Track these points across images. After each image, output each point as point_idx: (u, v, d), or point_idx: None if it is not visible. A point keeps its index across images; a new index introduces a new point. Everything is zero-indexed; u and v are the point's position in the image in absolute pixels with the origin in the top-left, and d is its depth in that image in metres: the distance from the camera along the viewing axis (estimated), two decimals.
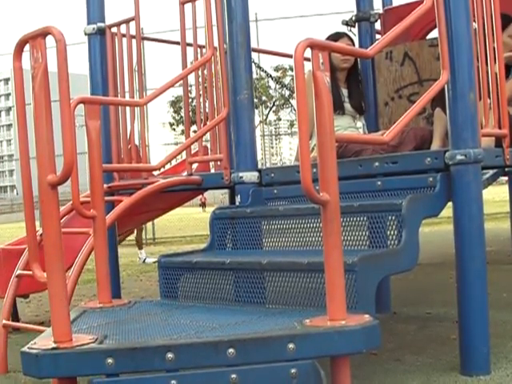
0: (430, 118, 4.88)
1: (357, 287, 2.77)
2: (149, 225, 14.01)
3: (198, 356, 2.43)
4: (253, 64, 5.03)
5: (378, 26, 6.41)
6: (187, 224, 18.23)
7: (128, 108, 5.09)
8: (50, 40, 2.60)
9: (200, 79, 5.05)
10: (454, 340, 3.84)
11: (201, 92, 5.14)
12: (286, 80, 28.68)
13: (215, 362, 2.44)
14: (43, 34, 2.60)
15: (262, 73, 15.09)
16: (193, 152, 5.28)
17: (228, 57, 4.36)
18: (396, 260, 3.08)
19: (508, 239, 8.75)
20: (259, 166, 4.52)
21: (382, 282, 4.16)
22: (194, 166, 5.42)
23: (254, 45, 4.96)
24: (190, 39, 5.00)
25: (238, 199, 4.21)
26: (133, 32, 5.15)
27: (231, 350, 2.39)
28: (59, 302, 2.52)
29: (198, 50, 5.09)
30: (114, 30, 5.18)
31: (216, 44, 4.65)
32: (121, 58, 5.18)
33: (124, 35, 5.18)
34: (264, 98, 33.03)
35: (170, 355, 2.39)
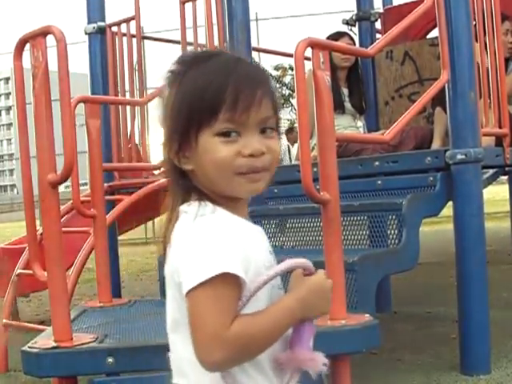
0: (430, 118, 4.88)
1: (357, 286, 2.77)
2: (149, 224, 14.00)
3: None
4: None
5: (378, 25, 6.41)
6: None
7: (128, 107, 5.09)
8: (50, 39, 2.61)
9: None
10: (454, 339, 3.84)
11: None
12: (287, 79, 28.65)
13: None
14: (44, 33, 2.60)
15: None
16: None
17: None
18: (396, 259, 3.08)
19: (508, 238, 8.74)
20: None
21: (383, 282, 4.16)
22: None
23: (254, 44, 4.96)
24: (190, 38, 5.01)
25: None
26: (133, 31, 5.15)
27: None
28: (59, 301, 2.52)
29: (199, 48, 5.09)
30: (115, 29, 5.18)
31: (216, 43, 4.65)
32: (121, 57, 5.18)
33: (124, 34, 5.18)
34: None
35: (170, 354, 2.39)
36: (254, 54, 7.07)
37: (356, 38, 6.03)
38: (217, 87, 1.19)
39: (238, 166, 1.21)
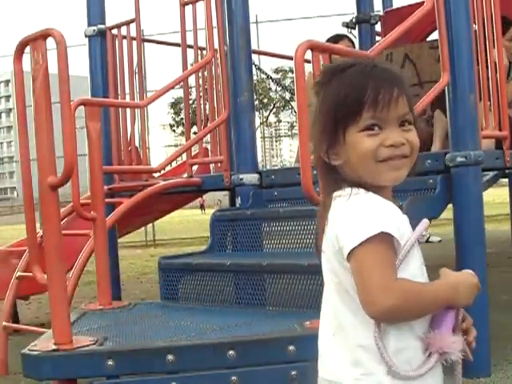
0: (430, 120, 4.88)
1: None
2: (149, 227, 14.00)
3: (198, 358, 2.43)
4: (253, 66, 5.03)
5: (378, 27, 6.41)
6: (187, 226, 18.20)
7: (128, 110, 5.09)
8: (50, 42, 2.61)
9: (200, 81, 5.05)
10: None
11: (201, 94, 5.14)
12: (287, 82, 28.70)
13: (216, 363, 2.44)
14: (44, 35, 2.61)
15: (262, 75, 15.10)
16: (193, 154, 5.28)
17: (228, 59, 4.36)
18: None
19: (508, 241, 8.74)
20: (259, 168, 4.52)
21: None
22: (195, 167, 5.42)
23: (254, 46, 4.96)
24: (190, 41, 5.01)
25: (238, 201, 4.21)
26: (133, 34, 5.15)
27: (231, 352, 2.39)
28: (59, 304, 2.52)
29: (199, 51, 5.09)
30: (115, 31, 5.18)
31: (216, 46, 4.65)
32: (121, 60, 5.18)
33: (124, 37, 5.18)
34: (264, 99, 33.09)
35: (170, 357, 2.39)
36: (254, 57, 7.09)
37: (356, 41, 6.04)
38: (358, 90, 1.37)
39: (379, 154, 1.36)
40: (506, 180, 7.28)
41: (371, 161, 1.37)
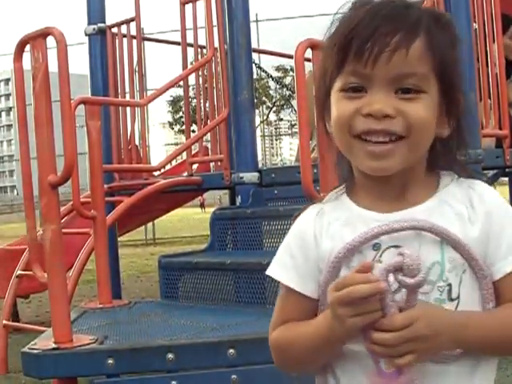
0: None
1: None
2: (149, 225, 14.02)
3: (198, 356, 2.43)
4: (253, 64, 5.03)
5: None
6: (187, 224, 18.23)
7: (128, 108, 5.09)
8: (50, 40, 2.61)
9: (200, 80, 5.05)
10: None
11: (201, 92, 5.14)
12: (287, 80, 28.70)
13: (216, 362, 2.44)
14: (44, 34, 2.61)
15: (262, 73, 15.11)
16: (193, 152, 5.28)
17: (228, 57, 4.36)
18: None
19: None
20: (259, 167, 4.52)
21: None
22: (195, 166, 5.42)
23: (254, 45, 4.95)
24: (190, 39, 5.01)
25: (238, 200, 4.21)
26: (133, 32, 5.15)
27: (232, 351, 2.39)
28: (60, 303, 2.52)
29: (199, 50, 5.09)
30: (115, 30, 5.18)
31: (216, 44, 4.65)
32: (121, 59, 5.18)
33: (124, 35, 5.18)
34: (264, 98, 33.09)
35: (170, 356, 2.39)
36: (254, 56, 7.08)
37: None
38: (345, 33, 0.99)
39: (354, 125, 0.98)
40: (507, 178, 7.27)
41: (344, 132, 1.00)
